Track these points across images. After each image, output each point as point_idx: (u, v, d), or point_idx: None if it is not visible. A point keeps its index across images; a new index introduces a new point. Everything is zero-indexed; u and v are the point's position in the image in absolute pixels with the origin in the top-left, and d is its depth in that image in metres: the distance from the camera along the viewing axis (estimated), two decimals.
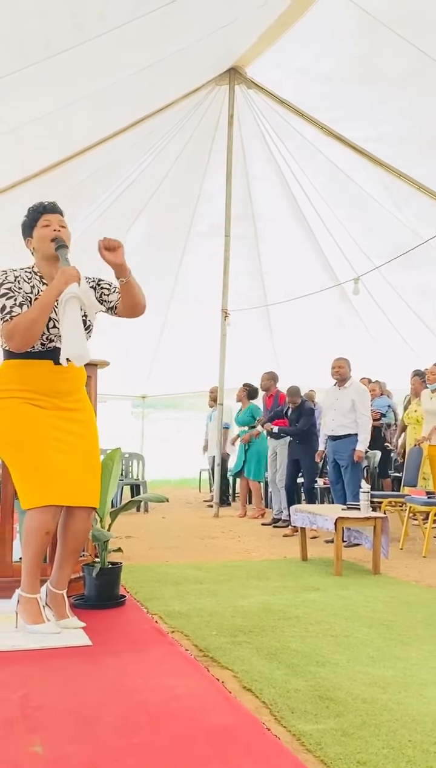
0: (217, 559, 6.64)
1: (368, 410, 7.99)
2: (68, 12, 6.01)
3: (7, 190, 8.72)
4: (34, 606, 3.76)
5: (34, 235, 3.92)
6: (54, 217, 3.95)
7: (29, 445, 3.72)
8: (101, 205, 10.57)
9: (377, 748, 2.46)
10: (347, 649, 3.70)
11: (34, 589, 3.78)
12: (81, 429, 3.93)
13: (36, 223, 3.92)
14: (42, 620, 3.73)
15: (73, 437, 3.88)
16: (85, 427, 3.96)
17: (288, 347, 14.00)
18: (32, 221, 3.93)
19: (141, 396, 16.16)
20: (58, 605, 3.94)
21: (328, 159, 10.22)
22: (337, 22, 7.69)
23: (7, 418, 3.73)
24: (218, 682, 3.09)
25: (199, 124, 10.38)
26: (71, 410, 3.92)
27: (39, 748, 2.34)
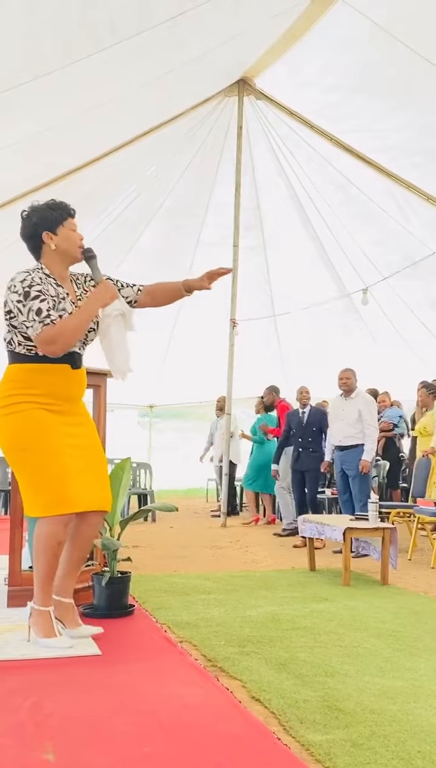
0: (225, 569, 6.64)
1: (375, 420, 8.00)
2: (80, 23, 6.04)
3: (17, 200, 8.76)
4: (47, 619, 3.73)
5: (60, 233, 3.83)
6: (76, 224, 3.96)
7: (45, 451, 3.67)
8: (111, 215, 10.61)
9: (386, 759, 2.46)
10: (356, 659, 3.70)
11: (47, 601, 3.75)
12: (91, 433, 3.95)
13: (63, 222, 3.86)
14: (54, 634, 3.71)
15: (86, 441, 3.88)
16: (93, 432, 3.99)
17: (296, 357, 14.00)
18: (60, 218, 3.85)
19: (148, 406, 16.18)
20: (70, 614, 3.91)
21: (337, 170, 10.25)
22: (346, 34, 7.73)
23: (23, 423, 3.67)
24: (227, 692, 3.09)
25: (209, 135, 10.43)
26: (80, 415, 3.94)
27: (51, 755, 2.35)
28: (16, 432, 3.67)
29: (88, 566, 4.91)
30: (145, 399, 15.78)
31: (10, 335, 3.73)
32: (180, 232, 11.94)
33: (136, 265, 11.62)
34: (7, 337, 3.74)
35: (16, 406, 3.67)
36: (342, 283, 12.25)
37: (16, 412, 3.67)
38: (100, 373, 4.90)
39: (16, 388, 3.70)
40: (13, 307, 3.66)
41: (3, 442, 3.71)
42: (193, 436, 17.53)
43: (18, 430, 3.67)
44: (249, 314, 11.77)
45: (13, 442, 3.69)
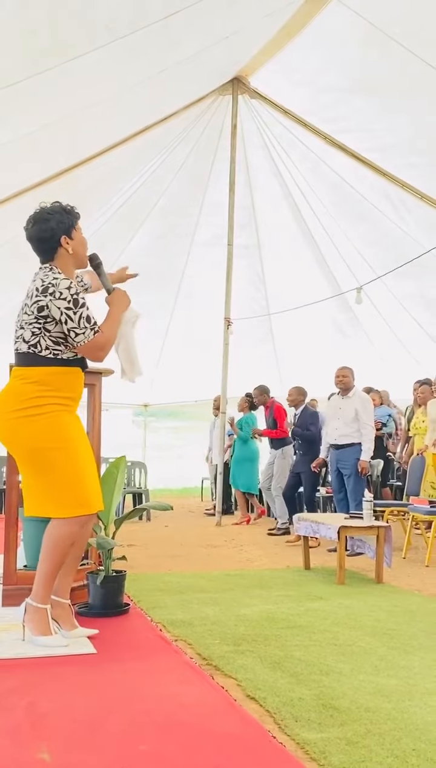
0: (219, 568, 6.64)
1: (371, 420, 7.98)
2: (75, 22, 6.03)
3: (12, 199, 8.75)
4: (44, 617, 3.73)
5: (75, 237, 3.92)
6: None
7: (71, 452, 3.73)
8: (105, 214, 10.60)
9: (381, 757, 2.47)
10: (351, 657, 3.71)
11: (46, 599, 3.76)
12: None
13: (76, 226, 3.95)
14: (50, 632, 3.72)
15: (88, 442, 3.96)
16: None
17: (290, 356, 14.01)
18: (74, 223, 3.94)
19: (143, 405, 16.17)
20: (67, 615, 3.91)
21: (331, 169, 10.24)
22: (341, 33, 7.73)
23: (50, 424, 3.71)
24: (223, 690, 3.10)
25: (203, 134, 10.41)
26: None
27: (46, 755, 2.35)
28: (45, 432, 3.70)
29: (83, 565, 4.91)
30: (139, 398, 15.76)
31: (36, 338, 3.73)
32: (174, 232, 11.93)
33: (130, 265, 11.56)
34: (30, 340, 3.73)
35: (44, 408, 3.71)
36: (336, 281, 12.25)
37: (44, 413, 3.71)
38: (96, 372, 4.90)
39: (42, 390, 3.72)
40: (59, 313, 3.69)
41: (30, 442, 3.70)
42: (188, 435, 17.55)
43: (46, 430, 3.70)
44: (243, 313, 11.77)
45: (40, 443, 3.70)
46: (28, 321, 3.73)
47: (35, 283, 3.77)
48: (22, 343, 3.74)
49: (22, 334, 3.75)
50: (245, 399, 11.04)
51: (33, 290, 3.74)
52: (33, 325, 3.72)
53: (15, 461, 4.09)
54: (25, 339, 3.74)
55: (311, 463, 8.69)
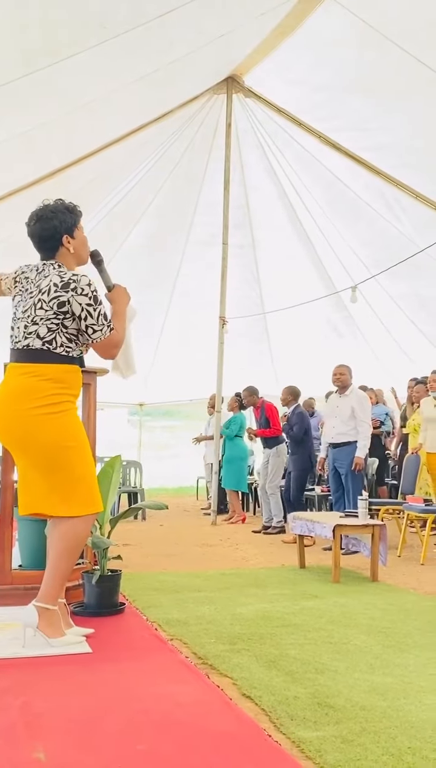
0: (215, 567, 6.64)
1: (368, 418, 7.97)
2: (69, 21, 6.03)
3: (6, 198, 8.74)
4: (57, 618, 3.72)
5: (77, 236, 3.94)
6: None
7: (84, 451, 3.77)
8: (99, 213, 10.59)
9: (376, 755, 2.47)
10: (346, 656, 3.71)
11: (57, 600, 3.76)
12: None
13: (78, 224, 3.96)
14: (63, 632, 3.72)
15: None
16: None
17: (285, 355, 14.02)
18: (76, 222, 3.95)
19: (138, 404, 16.16)
20: (63, 615, 3.87)
21: (326, 168, 10.26)
22: (336, 32, 7.73)
23: (68, 422, 3.74)
24: (218, 689, 3.10)
25: (197, 133, 10.42)
26: None
27: (42, 754, 2.34)
28: (64, 431, 3.70)
29: (79, 565, 4.90)
30: (135, 397, 15.75)
31: (52, 335, 3.72)
32: (169, 231, 11.93)
33: (125, 264, 11.60)
34: (45, 336, 3.71)
35: (62, 405, 3.72)
36: (331, 280, 12.27)
37: (62, 411, 3.71)
38: (91, 371, 4.89)
39: (58, 387, 3.72)
40: (80, 309, 3.72)
41: (50, 440, 3.67)
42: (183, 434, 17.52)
43: (65, 428, 3.71)
44: (239, 312, 11.77)
45: (60, 441, 3.69)
46: (44, 317, 3.70)
47: (50, 279, 3.75)
48: (36, 339, 3.70)
49: (36, 330, 3.70)
50: (234, 399, 11.10)
51: (50, 286, 3.72)
52: (51, 321, 3.70)
53: (13, 459, 4.01)
54: (39, 335, 3.70)
55: (299, 463, 8.79)
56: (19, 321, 3.78)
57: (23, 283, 3.88)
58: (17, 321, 3.80)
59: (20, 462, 3.82)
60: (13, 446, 3.78)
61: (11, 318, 3.86)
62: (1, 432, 3.77)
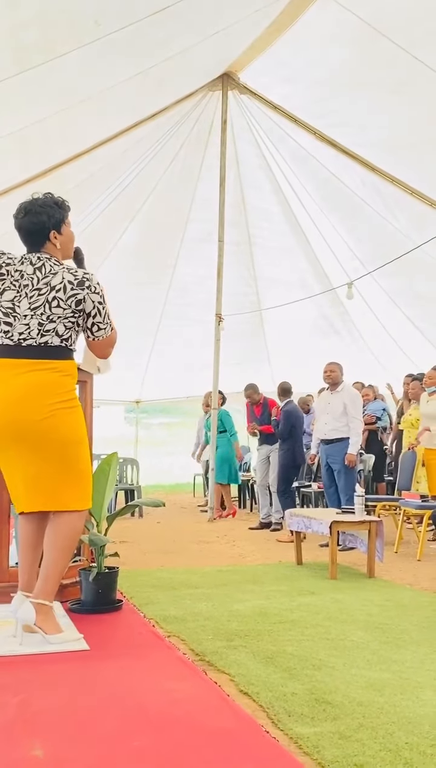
0: (212, 564, 6.65)
1: (359, 414, 7.99)
2: (64, 18, 6.03)
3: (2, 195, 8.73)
4: (52, 614, 3.75)
5: (64, 232, 3.94)
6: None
7: (87, 446, 3.84)
8: (94, 210, 10.58)
9: (374, 751, 2.48)
10: (343, 652, 3.72)
11: (53, 596, 3.79)
12: None
13: (66, 220, 3.97)
14: (60, 628, 3.73)
15: None
16: None
17: (281, 352, 14.02)
18: (64, 217, 3.95)
19: (135, 401, 16.16)
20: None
21: (321, 164, 10.26)
22: (330, 29, 7.73)
23: (80, 417, 3.79)
24: (216, 685, 3.10)
25: (193, 130, 10.41)
26: None
27: (39, 752, 2.35)
28: (79, 426, 3.77)
29: (76, 562, 4.90)
30: (131, 395, 15.75)
31: (69, 332, 3.74)
32: (164, 229, 11.92)
33: (121, 261, 11.60)
34: (63, 333, 3.72)
35: (76, 401, 3.79)
36: (327, 277, 12.27)
37: (76, 406, 3.78)
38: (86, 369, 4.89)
39: (73, 383, 3.80)
40: (91, 306, 3.76)
41: (68, 435, 3.70)
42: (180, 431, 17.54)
43: (79, 424, 3.78)
44: (235, 309, 11.77)
45: (75, 435, 3.74)
46: (62, 315, 3.69)
47: (63, 276, 3.72)
48: (54, 336, 3.69)
49: (54, 328, 3.68)
50: (219, 396, 11.20)
51: (65, 284, 3.70)
52: (68, 319, 3.71)
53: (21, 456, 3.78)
54: (58, 333, 3.69)
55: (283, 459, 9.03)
56: (27, 318, 3.67)
57: (13, 275, 3.76)
58: (21, 318, 3.68)
59: (22, 459, 3.72)
60: (27, 442, 3.67)
61: (4, 314, 3.71)
62: (15, 428, 3.65)
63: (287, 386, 9.47)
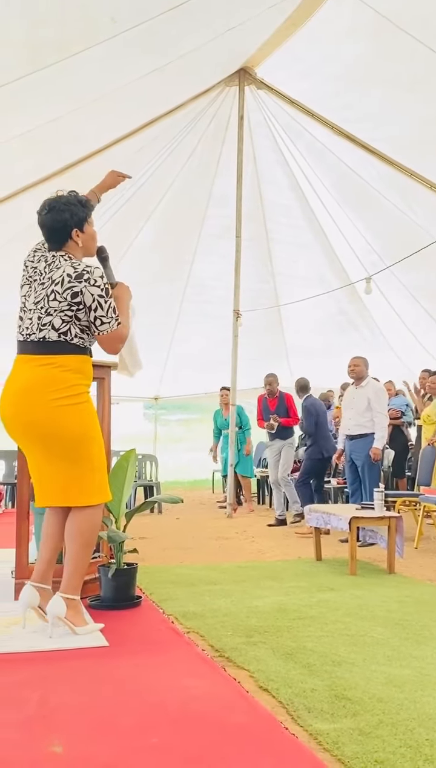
0: (231, 560, 6.64)
1: (384, 409, 7.91)
2: (80, 15, 6.03)
3: (19, 193, 8.76)
4: (81, 607, 3.81)
5: (86, 231, 3.96)
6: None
7: (101, 440, 3.85)
8: (112, 207, 10.58)
9: (394, 747, 2.47)
10: (363, 648, 3.70)
11: (79, 590, 3.83)
12: None
13: (88, 219, 4.00)
14: (86, 620, 3.80)
15: None
16: None
17: (300, 347, 13.99)
18: (87, 216, 3.98)
19: (153, 397, 16.18)
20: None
21: (339, 159, 10.21)
22: (347, 23, 7.69)
23: (89, 412, 3.80)
24: (235, 682, 3.10)
25: (209, 126, 10.39)
26: None
27: (58, 747, 2.35)
28: (88, 421, 3.77)
29: (95, 558, 4.91)
30: (149, 391, 15.77)
31: (66, 326, 3.74)
32: (182, 225, 11.91)
33: (139, 258, 11.60)
34: (60, 327, 3.74)
35: (83, 396, 3.79)
36: (345, 272, 12.22)
37: (84, 401, 3.78)
38: (105, 365, 4.90)
39: (79, 378, 3.79)
40: (91, 299, 3.74)
41: (75, 431, 3.72)
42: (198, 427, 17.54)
43: (88, 419, 3.78)
44: (252, 305, 11.75)
45: (84, 431, 3.75)
46: (58, 308, 3.72)
47: (63, 270, 3.76)
48: (51, 330, 3.72)
49: (51, 321, 3.72)
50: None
51: (63, 276, 3.73)
52: (64, 313, 3.72)
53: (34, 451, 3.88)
54: (54, 326, 3.72)
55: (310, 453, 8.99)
56: (31, 312, 3.78)
57: (29, 272, 3.88)
58: (28, 312, 3.80)
59: (36, 454, 3.80)
60: (33, 437, 3.75)
61: (19, 309, 3.86)
62: (20, 423, 3.75)
63: (304, 382, 9.45)
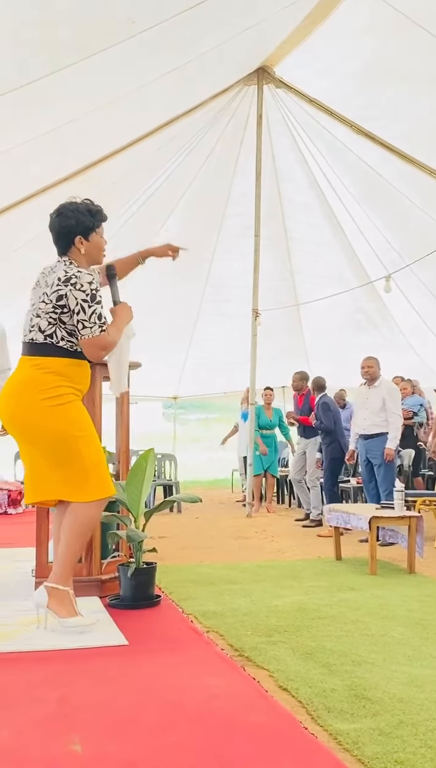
0: (251, 559, 6.64)
1: (398, 408, 7.92)
2: (98, 16, 6.04)
3: (39, 194, 8.79)
4: (69, 598, 3.79)
5: (92, 240, 3.98)
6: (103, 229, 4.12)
7: (92, 438, 3.85)
8: (131, 207, 10.61)
9: (414, 748, 2.45)
10: (383, 648, 3.69)
11: (70, 581, 3.84)
12: None
13: (96, 228, 4.00)
14: (76, 613, 3.78)
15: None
16: None
17: (319, 346, 13.96)
18: (94, 225, 3.99)
19: (172, 397, 16.21)
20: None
21: (358, 157, 10.17)
22: (366, 20, 7.66)
23: (74, 412, 3.81)
24: (254, 681, 3.09)
25: (228, 125, 10.38)
26: None
27: (78, 746, 2.35)
28: (71, 420, 3.78)
29: (114, 557, 4.93)
30: (169, 390, 15.80)
31: (52, 328, 3.79)
32: (201, 224, 11.91)
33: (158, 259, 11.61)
34: (46, 329, 3.79)
35: (66, 397, 3.79)
36: (364, 270, 12.18)
37: (66, 402, 3.79)
38: None
39: (61, 380, 3.80)
40: (75, 303, 3.75)
41: (59, 430, 3.75)
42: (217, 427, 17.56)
43: (72, 418, 3.79)
44: (272, 304, 11.73)
45: (69, 430, 3.77)
46: (45, 310, 3.79)
47: (57, 274, 3.82)
48: (38, 332, 3.79)
49: (38, 323, 3.80)
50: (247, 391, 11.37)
51: (54, 280, 3.79)
52: (50, 315, 3.78)
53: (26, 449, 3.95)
54: (41, 328, 3.79)
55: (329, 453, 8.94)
56: (28, 314, 3.89)
57: (38, 276, 3.99)
58: (27, 314, 3.91)
59: (28, 452, 3.89)
60: (22, 437, 3.87)
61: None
62: (9, 423, 3.87)
63: (321, 381, 9.43)
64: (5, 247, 9.64)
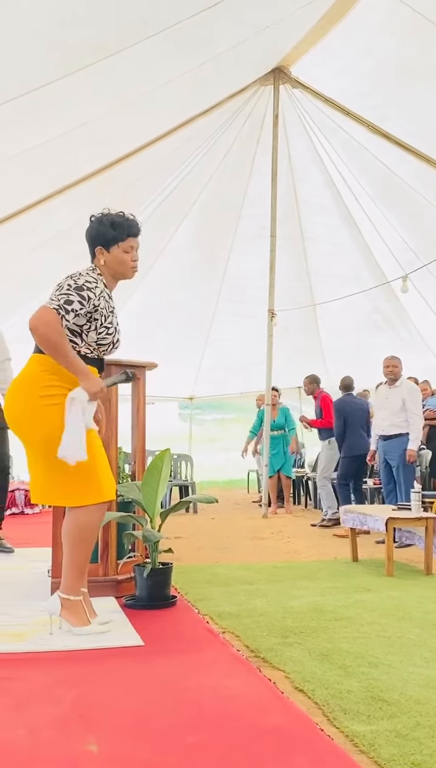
0: (267, 560, 6.63)
1: (419, 409, 7.86)
2: (113, 18, 6.05)
3: (55, 195, 8.81)
4: (80, 607, 3.78)
5: (112, 252, 3.95)
6: (137, 243, 4.06)
7: (89, 441, 3.72)
8: (148, 208, 10.63)
9: (432, 750, 2.43)
10: (400, 649, 3.67)
11: (78, 590, 3.82)
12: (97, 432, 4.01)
13: (120, 242, 3.96)
14: (88, 621, 3.77)
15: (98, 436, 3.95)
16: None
17: (336, 347, 13.94)
18: (117, 238, 3.95)
19: (189, 397, 16.21)
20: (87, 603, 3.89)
21: (375, 157, 10.15)
22: (382, 19, 7.64)
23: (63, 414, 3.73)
24: (270, 682, 3.09)
25: (245, 126, 10.38)
26: None
27: (94, 746, 2.36)
28: (58, 422, 3.66)
29: (130, 558, 4.93)
30: (185, 391, 15.80)
31: None
32: (217, 224, 11.92)
33: (174, 258, 11.63)
34: None
35: (54, 398, 3.71)
36: (381, 270, 12.15)
37: (58, 403, 3.70)
38: (139, 365, 4.92)
39: (54, 380, 3.74)
40: (57, 286, 3.77)
41: (47, 431, 3.68)
42: (233, 427, 17.55)
43: (59, 420, 3.67)
44: (288, 305, 11.72)
45: (56, 432, 3.65)
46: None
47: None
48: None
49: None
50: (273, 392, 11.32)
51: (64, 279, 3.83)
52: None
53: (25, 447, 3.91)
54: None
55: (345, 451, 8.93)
56: None
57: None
58: None
59: (27, 452, 3.87)
60: (20, 436, 3.84)
61: None
62: (9, 420, 3.84)
63: (347, 381, 9.39)
64: (23, 247, 9.68)
